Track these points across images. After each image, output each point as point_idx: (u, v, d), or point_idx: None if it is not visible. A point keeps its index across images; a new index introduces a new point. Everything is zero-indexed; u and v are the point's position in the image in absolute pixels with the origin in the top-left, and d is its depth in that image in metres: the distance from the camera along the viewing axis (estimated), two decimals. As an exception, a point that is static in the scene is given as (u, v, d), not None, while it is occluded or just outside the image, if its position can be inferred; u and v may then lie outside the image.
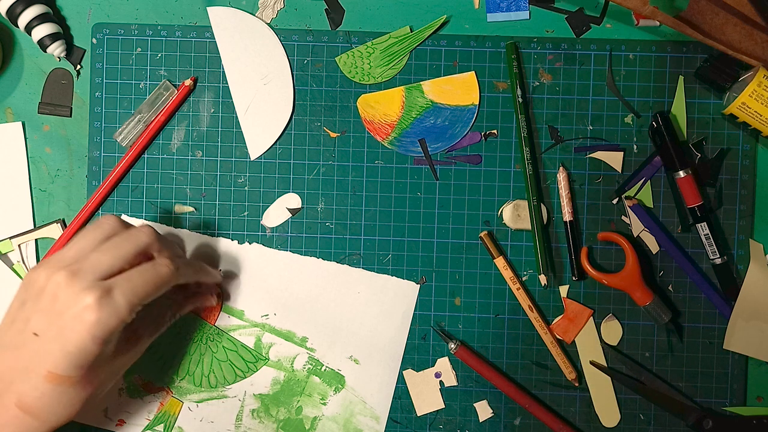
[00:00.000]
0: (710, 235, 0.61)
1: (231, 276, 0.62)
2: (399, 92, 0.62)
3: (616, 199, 0.62)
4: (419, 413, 0.62)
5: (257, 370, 0.62)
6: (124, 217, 0.62)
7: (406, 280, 0.62)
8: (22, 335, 0.49)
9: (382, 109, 0.62)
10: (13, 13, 0.59)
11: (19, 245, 0.62)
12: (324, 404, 0.62)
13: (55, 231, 0.62)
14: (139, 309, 0.50)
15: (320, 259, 0.62)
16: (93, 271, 0.49)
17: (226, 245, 0.62)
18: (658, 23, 0.61)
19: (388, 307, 0.62)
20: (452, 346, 0.61)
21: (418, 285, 0.62)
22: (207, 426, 0.62)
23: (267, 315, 0.62)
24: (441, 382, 0.62)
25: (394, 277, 0.62)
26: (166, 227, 0.62)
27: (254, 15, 0.62)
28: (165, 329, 0.58)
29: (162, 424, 0.62)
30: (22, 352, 0.48)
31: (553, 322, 0.62)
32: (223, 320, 0.62)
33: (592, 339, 0.62)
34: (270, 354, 0.62)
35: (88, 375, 0.50)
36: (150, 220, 0.62)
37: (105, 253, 0.50)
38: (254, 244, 0.62)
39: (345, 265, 0.62)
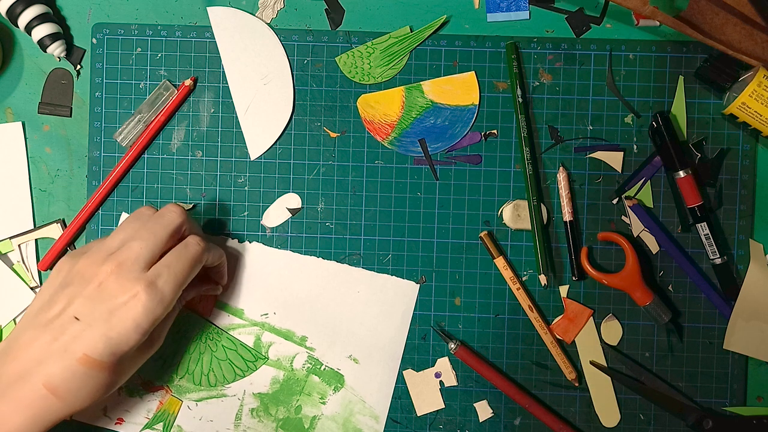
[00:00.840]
0: (710, 235, 0.61)
1: (231, 274, 0.62)
2: (399, 92, 0.62)
3: (616, 199, 0.62)
4: (419, 413, 0.62)
5: (256, 369, 0.62)
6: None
7: (405, 280, 0.62)
8: (61, 318, 0.50)
9: (382, 109, 0.62)
10: (13, 13, 0.59)
11: (19, 245, 0.62)
12: (323, 403, 0.62)
13: (55, 231, 0.62)
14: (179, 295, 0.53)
15: (320, 258, 0.62)
16: (137, 260, 0.51)
17: (223, 243, 0.62)
18: (658, 23, 0.61)
19: (387, 306, 0.62)
20: (452, 346, 0.61)
21: (418, 285, 0.62)
22: (206, 425, 0.62)
23: (266, 314, 0.62)
24: (441, 382, 0.62)
25: (393, 276, 0.62)
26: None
27: (254, 15, 0.62)
28: (174, 316, 0.59)
29: (161, 423, 0.62)
30: (59, 333, 0.50)
31: (553, 322, 0.62)
32: (223, 319, 0.62)
33: (592, 339, 0.62)
34: (269, 353, 0.62)
35: (118, 363, 0.51)
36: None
37: (145, 242, 0.52)
38: (254, 242, 0.62)
39: (345, 264, 0.62)
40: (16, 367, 0.49)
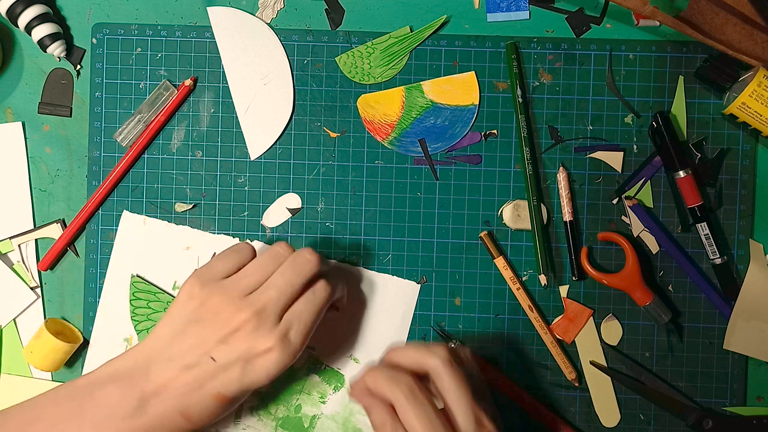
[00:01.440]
0: (710, 235, 0.61)
1: None
2: (399, 92, 0.62)
3: (616, 199, 0.62)
4: (419, 413, 0.62)
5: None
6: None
7: (406, 280, 0.62)
8: (197, 354, 0.52)
9: (382, 109, 0.62)
10: (13, 13, 0.59)
11: (19, 245, 0.62)
12: (323, 403, 0.62)
13: (55, 231, 0.62)
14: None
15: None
16: (274, 311, 0.53)
17: (227, 242, 0.62)
18: (658, 23, 0.61)
19: (388, 306, 0.62)
20: (452, 345, 0.61)
21: (419, 285, 0.62)
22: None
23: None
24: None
25: (394, 276, 0.62)
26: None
27: (254, 15, 0.62)
28: None
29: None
30: (194, 371, 0.52)
31: (553, 322, 0.62)
32: (223, 320, 0.62)
33: (592, 339, 0.62)
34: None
35: (241, 399, 0.55)
36: (153, 220, 0.62)
37: (281, 293, 0.53)
38: (255, 241, 0.62)
39: (346, 264, 0.62)
40: (157, 393, 0.52)
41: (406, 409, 0.49)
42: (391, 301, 0.62)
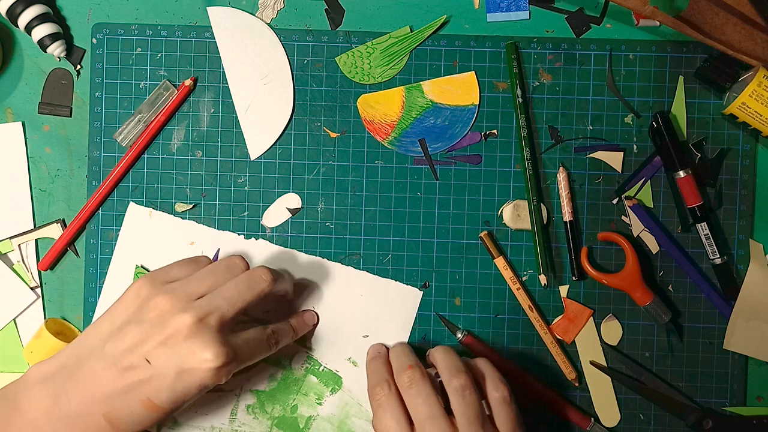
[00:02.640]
0: (710, 235, 0.61)
1: None
2: (399, 92, 0.62)
3: (616, 199, 0.62)
4: (419, 413, 0.62)
5: (255, 366, 0.62)
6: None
7: (409, 286, 0.62)
8: (133, 355, 0.50)
9: (382, 109, 0.62)
10: (13, 13, 0.59)
11: (19, 245, 0.62)
12: (320, 404, 0.62)
13: (55, 231, 0.62)
14: None
15: (323, 259, 0.62)
16: (218, 321, 0.51)
17: (230, 239, 0.62)
18: (658, 23, 0.61)
19: (389, 311, 0.62)
20: (459, 336, 0.61)
21: (421, 291, 0.62)
22: (201, 418, 0.62)
23: (268, 311, 0.62)
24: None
25: (397, 281, 0.62)
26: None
27: (254, 15, 0.62)
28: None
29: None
30: (128, 372, 0.50)
31: (553, 322, 0.62)
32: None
33: (592, 339, 0.62)
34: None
35: (177, 409, 0.52)
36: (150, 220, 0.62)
37: (231, 304, 0.52)
38: (260, 240, 0.62)
39: (349, 266, 0.62)
40: (82, 393, 0.50)
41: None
42: (393, 306, 0.62)
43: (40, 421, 0.50)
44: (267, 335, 0.55)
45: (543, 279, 0.62)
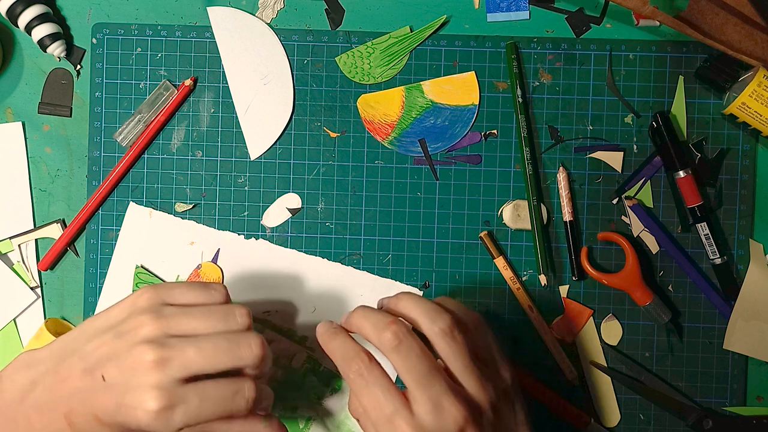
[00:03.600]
0: (710, 235, 0.61)
1: (234, 271, 0.62)
2: (399, 92, 0.62)
3: (616, 199, 0.62)
4: (419, 413, 0.62)
5: None
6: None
7: (409, 286, 0.62)
8: (98, 366, 0.47)
9: (382, 109, 0.62)
10: (13, 13, 0.59)
11: (19, 245, 0.62)
12: (320, 404, 0.62)
13: (55, 231, 0.62)
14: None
15: (324, 259, 0.62)
16: (178, 367, 0.46)
17: (230, 239, 0.62)
18: (658, 23, 0.61)
19: (388, 308, 0.62)
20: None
21: (421, 292, 0.62)
22: None
23: (268, 311, 0.62)
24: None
25: (397, 281, 0.62)
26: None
27: (254, 15, 0.62)
28: None
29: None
30: (88, 378, 0.47)
31: (553, 322, 0.62)
32: (223, 320, 0.62)
33: (592, 339, 0.62)
34: (269, 351, 0.62)
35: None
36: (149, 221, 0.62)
37: (203, 357, 0.47)
38: (260, 240, 0.62)
39: (349, 266, 0.62)
40: (55, 386, 0.48)
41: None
42: (392, 302, 0.62)
43: (15, 406, 0.49)
44: (233, 391, 0.47)
45: (543, 279, 0.62)
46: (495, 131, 0.62)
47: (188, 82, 0.62)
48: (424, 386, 0.47)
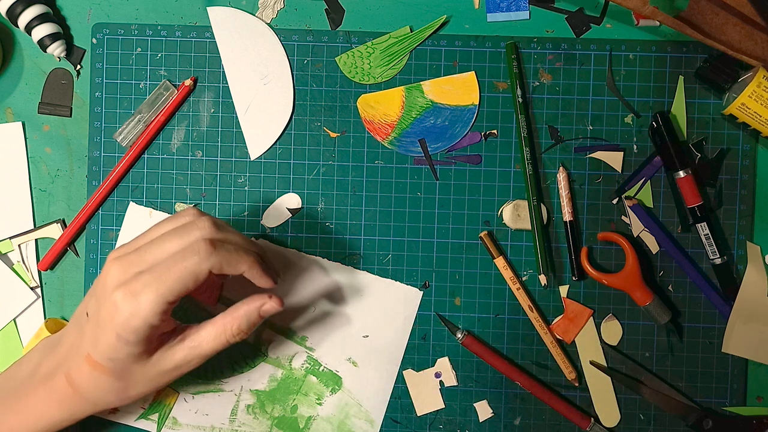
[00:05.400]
0: (710, 235, 0.61)
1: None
2: (399, 92, 0.62)
3: (616, 199, 0.62)
4: (419, 413, 0.62)
5: (255, 366, 0.62)
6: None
7: (409, 286, 0.62)
8: (82, 312, 0.52)
9: (382, 109, 0.62)
10: (13, 13, 0.59)
11: (19, 245, 0.62)
12: (320, 404, 0.62)
13: (55, 231, 0.62)
14: (167, 309, 0.49)
15: (324, 259, 0.62)
16: (133, 263, 0.48)
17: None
18: (658, 23, 0.61)
19: (389, 311, 0.62)
20: (459, 336, 0.61)
21: (421, 291, 0.62)
22: (201, 418, 0.62)
23: None
24: (441, 382, 0.62)
25: (397, 282, 0.62)
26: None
27: (254, 15, 0.62)
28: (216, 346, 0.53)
29: (156, 414, 0.62)
30: (78, 330, 0.51)
31: (553, 322, 0.62)
32: (223, 320, 0.62)
33: (592, 339, 0.62)
34: (269, 351, 0.62)
35: (120, 370, 0.50)
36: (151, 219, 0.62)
37: (152, 246, 0.49)
38: (261, 240, 0.62)
39: (349, 266, 0.62)
40: (57, 356, 0.52)
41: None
42: (393, 306, 0.62)
43: (26, 381, 0.53)
44: (187, 249, 0.49)
45: (543, 279, 0.62)
46: (495, 131, 0.62)
47: (188, 82, 0.62)
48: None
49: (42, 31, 0.60)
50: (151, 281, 0.47)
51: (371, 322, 0.62)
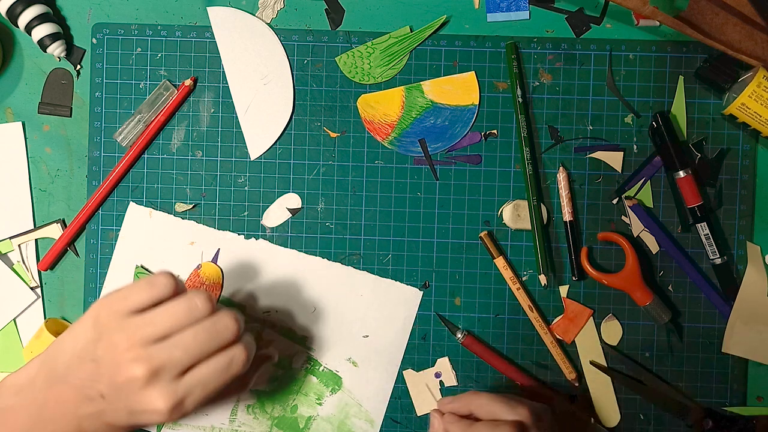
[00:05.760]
0: (710, 235, 0.61)
1: (234, 270, 0.62)
2: (399, 92, 0.62)
3: (616, 199, 0.62)
4: (419, 413, 0.62)
5: (255, 371, 0.62)
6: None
7: (409, 286, 0.62)
8: (91, 390, 0.50)
9: (382, 109, 0.62)
10: (13, 13, 0.59)
11: (19, 245, 0.62)
12: (320, 404, 0.62)
13: (55, 231, 0.62)
14: None
15: (324, 259, 0.62)
16: (174, 371, 0.49)
17: (230, 239, 0.62)
18: (658, 23, 0.61)
19: (389, 311, 0.62)
20: (459, 336, 0.61)
21: (421, 292, 0.62)
22: (201, 418, 0.62)
23: (268, 312, 0.62)
24: (441, 382, 0.62)
25: (397, 282, 0.62)
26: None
27: (254, 15, 0.62)
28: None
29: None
30: (88, 402, 0.50)
31: (553, 322, 0.62)
32: (223, 320, 0.62)
33: (592, 339, 0.62)
34: (269, 350, 0.62)
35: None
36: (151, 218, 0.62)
37: (188, 354, 0.49)
38: (260, 240, 0.62)
39: (350, 266, 0.62)
40: (52, 413, 0.51)
41: None
42: (394, 306, 0.62)
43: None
44: (228, 362, 0.51)
45: (543, 279, 0.62)
46: (495, 131, 0.62)
47: (188, 82, 0.62)
48: None
49: (42, 31, 0.60)
50: (197, 389, 0.50)
51: (371, 322, 0.62)
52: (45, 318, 0.63)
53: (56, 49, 0.61)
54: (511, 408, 0.55)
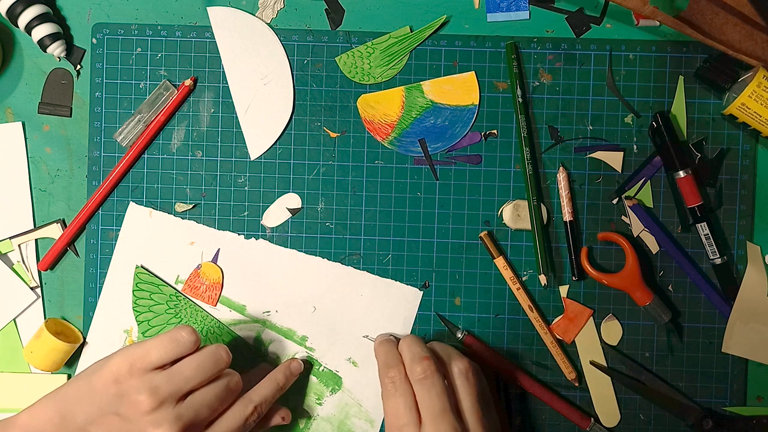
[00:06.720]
0: (710, 235, 0.61)
1: (234, 270, 0.62)
2: (399, 92, 0.62)
3: (616, 199, 0.62)
4: (419, 413, 0.62)
5: (255, 366, 0.62)
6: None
7: (409, 286, 0.62)
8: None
9: (382, 109, 0.62)
10: (13, 13, 0.59)
11: (19, 245, 0.62)
12: (320, 404, 0.62)
13: (55, 231, 0.62)
14: None
15: (324, 259, 0.62)
16: (198, 426, 0.52)
17: (230, 239, 0.62)
18: (658, 23, 0.61)
19: (390, 311, 0.62)
20: (459, 336, 0.61)
21: (421, 292, 0.62)
22: None
23: (268, 311, 0.62)
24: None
25: (397, 282, 0.62)
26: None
27: (254, 15, 0.62)
28: None
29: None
30: None
31: (553, 322, 0.62)
32: (225, 314, 0.62)
33: (592, 339, 0.62)
34: (269, 351, 0.62)
35: None
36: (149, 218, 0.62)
37: (212, 410, 0.53)
38: (260, 240, 0.62)
39: (350, 266, 0.62)
40: None
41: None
42: (394, 306, 0.62)
43: None
44: (246, 416, 0.54)
45: (543, 279, 0.62)
46: (495, 131, 0.62)
47: (188, 82, 0.62)
48: (435, 420, 0.52)
49: (42, 31, 0.60)
50: (201, 414, 0.52)
51: (371, 322, 0.62)
52: (45, 318, 0.63)
53: (56, 49, 0.61)
54: (453, 359, 0.56)
